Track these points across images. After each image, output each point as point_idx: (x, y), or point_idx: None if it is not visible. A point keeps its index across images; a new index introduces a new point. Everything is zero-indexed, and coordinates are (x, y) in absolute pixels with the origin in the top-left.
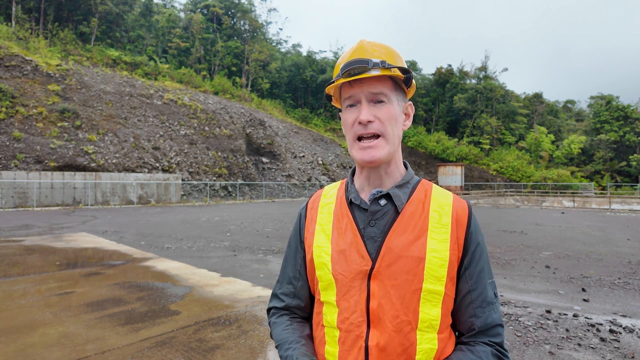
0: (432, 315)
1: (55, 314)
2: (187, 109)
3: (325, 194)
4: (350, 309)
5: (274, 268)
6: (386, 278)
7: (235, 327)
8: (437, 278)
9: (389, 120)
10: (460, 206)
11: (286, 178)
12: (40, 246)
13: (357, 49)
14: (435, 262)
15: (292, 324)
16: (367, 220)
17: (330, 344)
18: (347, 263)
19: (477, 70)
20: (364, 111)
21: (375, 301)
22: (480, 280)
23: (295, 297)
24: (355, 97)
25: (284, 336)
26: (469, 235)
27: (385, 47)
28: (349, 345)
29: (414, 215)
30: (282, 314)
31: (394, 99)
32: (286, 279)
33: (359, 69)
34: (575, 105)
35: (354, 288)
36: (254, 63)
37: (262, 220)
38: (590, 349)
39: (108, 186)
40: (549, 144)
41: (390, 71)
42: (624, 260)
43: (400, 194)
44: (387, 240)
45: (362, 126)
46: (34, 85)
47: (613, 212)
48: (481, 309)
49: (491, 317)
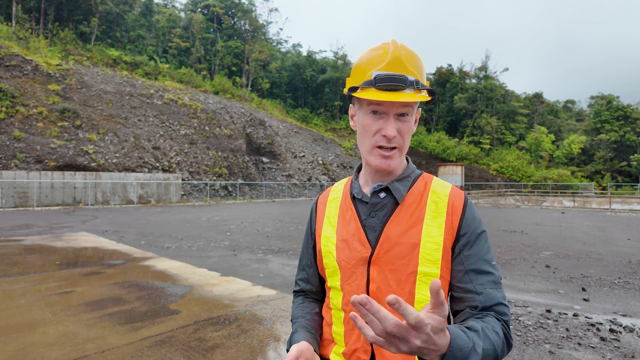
0: (428, 295)
1: (55, 313)
2: (188, 109)
3: (334, 190)
4: (353, 293)
5: (273, 267)
6: (384, 263)
7: (235, 326)
8: (432, 262)
9: (407, 133)
10: (456, 195)
11: (286, 178)
12: (41, 246)
13: (393, 59)
14: (430, 246)
15: (304, 302)
16: (368, 212)
17: (336, 324)
18: (350, 251)
19: (477, 70)
20: (390, 127)
21: (375, 284)
22: (478, 260)
23: (308, 282)
24: (384, 110)
25: (294, 313)
26: (464, 221)
27: (416, 58)
28: (352, 325)
29: (411, 206)
30: (299, 295)
31: (414, 112)
32: (301, 266)
33: (394, 86)
34: (576, 105)
35: (356, 273)
36: (254, 63)
37: (262, 220)
38: (590, 349)
39: (108, 186)
40: (549, 143)
41: (422, 94)
42: (624, 260)
43: (400, 187)
44: (386, 229)
45: (386, 139)
46: (34, 85)
47: (613, 212)
48: (481, 285)
49: (494, 294)
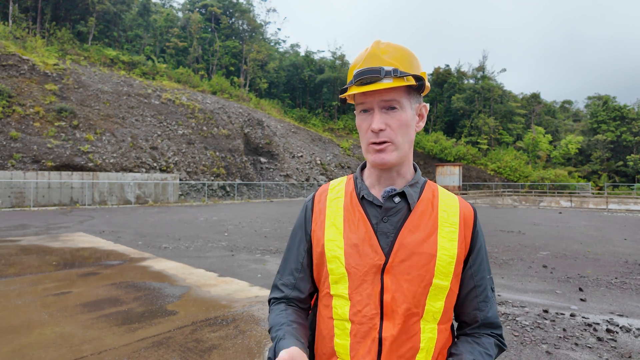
0: (436, 307)
1: (51, 314)
2: (185, 109)
3: (332, 189)
4: (364, 302)
5: (271, 268)
6: (399, 273)
7: (232, 327)
8: (445, 274)
9: (399, 127)
10: (466, 207)
11: (284, 178)
12: (37, 246)
13: (368, 55)
14: (445, 259)
15: (287, 309)
16: (380, 217)
17: (340, 336)
18: (361, 257)
19: (474, 70)
20: (375, 120)
21: (389, 294)
22: (483, 278)
23: (295, 288)
24: (368, 105)
25: (276, 320)
26: (475, 235)
27: (399, 51)
28: (360, 337)
29: (424, 213)
30: (280, 302)
31: (406, 104)
32: (287, 270)
33: (370, 78)
34: (573, 106)
35: (367, 282)
36: (252, 63)
37: (260, 220)
38: (587, 349)
39: (105, 186)
40: (546, 144)
41: (403, 80)
42: (621, 260)
43: (413, 193)
44: (400, 236)
45: (374, 134)
46: (31, 85)
47: (610, 212)
48: (484, 303)
49: (492, 311)
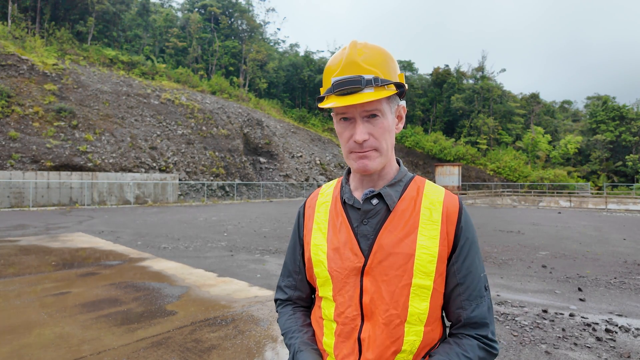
0: (421, 309)
1: (50, 315)
2: (185, 109)
3: (322, 193)
4: (346, 304)
5: (271, 268)
6: (378, 274)
7: (231, 327)
8: (426, 274)
9: (382, 134)
10: (451, 202)
11: (284, 178)
12: (36, 246)
13: (347, 61)
14: (425, 258)
15: (295, 313)
16: (360, 219)
17: (327, 335)
18: (342, 260)
19: (474, 70)
20: (358, 131)
21: (368, 296)
22: (468, 275)
23: (297, 289)
24: (350, 114)
25: (287, 325)
26: (459, 231)
27: (377, 54)
28: (344, 337)
29: (405, 213)
30: (286, 304)
31: (387, 110)
32: (287, 273)
33: (351, 89)
34: (572, 106)
35: (349, 284)
36: (251, 63)
37: (260, 220)
38: (586, 349)
39: (105, 186)
40: (545, 144)
41: (385, 88)
42: (620, 260)
43: (392, 193)
44: (379, 237)
45: (358, 145)
46: (30, 85)
47: (609, 212)
48: (468, 301)
49: (478, 310)
